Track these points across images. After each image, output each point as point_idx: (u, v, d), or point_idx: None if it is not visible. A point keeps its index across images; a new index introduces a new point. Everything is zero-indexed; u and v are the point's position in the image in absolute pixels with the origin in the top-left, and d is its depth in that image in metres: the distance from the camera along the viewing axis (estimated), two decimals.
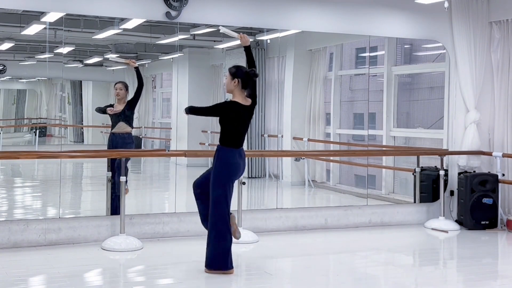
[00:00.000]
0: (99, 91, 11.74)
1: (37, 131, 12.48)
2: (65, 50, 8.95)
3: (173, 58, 9.99)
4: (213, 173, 5.68)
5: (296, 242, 7.42)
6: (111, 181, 7.25)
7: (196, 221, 7.21)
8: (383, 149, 10.02)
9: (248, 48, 5.86)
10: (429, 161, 9.31)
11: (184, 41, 9.23)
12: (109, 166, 7.24)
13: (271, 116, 10.90)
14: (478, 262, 6.69)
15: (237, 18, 7.69)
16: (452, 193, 8.62)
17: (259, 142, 10.89)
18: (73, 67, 10.86)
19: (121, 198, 6.79)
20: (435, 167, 8.73)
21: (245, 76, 5.69)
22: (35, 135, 12.46)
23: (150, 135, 11.68)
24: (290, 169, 10.64)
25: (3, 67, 10.90)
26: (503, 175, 8.30)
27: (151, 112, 11.62)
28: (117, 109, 7.76)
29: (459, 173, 8.49)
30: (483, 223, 8.19)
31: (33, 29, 8.26)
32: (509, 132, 8.38)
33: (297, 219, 7.93)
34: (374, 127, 10.36)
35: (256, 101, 5.80)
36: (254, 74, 5.70)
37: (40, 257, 6.25)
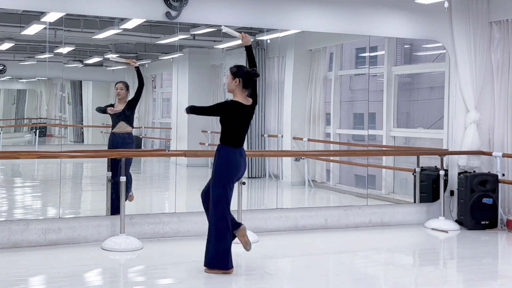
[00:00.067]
0: (99, 91, 11.74)
1: (37, 131, 12.47)
2: (65, 50, 8.95)
3: (173, 58, 9.99)
4: (213, 172, 5.68)
5: (296, 242, 7.42)
6: (111, 181, 7.25)
7: (196, 221, 7.25)
8: (383, 149, 10.02)
9: (249, 47, 5.86)
10: (429, 161, 9.31)
11: (184, 41, 9.23)
12: (109, 166, 7.23)
13: (271, 116, 10.89)
14: (478, 262, 6.69)
15: (237, 18, 7.69)
16: (452, 193, 8.62)
17: (259, 142, 10.88)
18: (73, 67, 10.85)
19: (121, 198, 6.79)
20: (435, 167, 8.73)
21: (246, 75, 5.69)
22: (35, 135, 12.46)
23: (150, 135, 11.68)
24: (290, 169, 10.63)
25: (3, 67, 10.89)
26: (503, 175, 8.30)
27: (151, 112, 11.61)
28: (117, 109, 7.76)
29: (459, 173, 8.49)
30: (483, 223, 8.19)
31: (33, 29, 8.26)
32: (509, 132, 8.38)
33: (297, 219, 7.93)
34: (374, 127, 10.36)
35: (256, 101, 5.81)
36: (255, 73, 5.71)
37: (40, 257, 6.25)
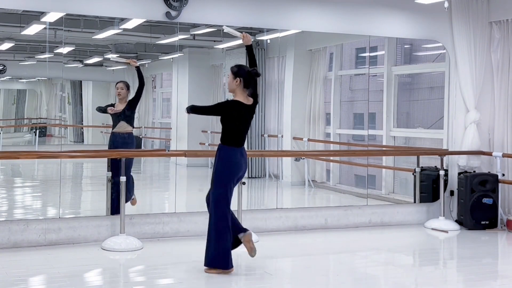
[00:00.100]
0: (99, 91, 11.75)
1: (37, 131, 12.48)
2: (65, 50, 8.96)
3: (173, 58, 9.99)
4: (214, 172, 5.68)
5: (296, 242, 7.42)
6: (111, 181, 7.25)
7: (196, 221, 7.25)
8: (383, 149, 10.02)
9: (250, 47, 5.86)
10: (429, 161, 9.31)
11: (184, 41, 9.23)
12: (109, 166, 7.23)
13: (271, 116, 10.89)
14: (478, 262, 6.69)
15: (237, 18, 7.69)
16: (452, 193, 8.62)
17: (259, 142, 10.88)
18: (73, 67, 10.86)
19: (121, 198, 6.79)
20: (435, 167, 8.73)
21: (247, 75, 5.69)
22: (35, 135, 12.47)
23: (150, 135, 11.69)
24: (290, 169, 10.63)
25: (3, 67, 10.90)
26: (503, 175, 8.30)
27: (151, 112, 11.62)
28: (118, 109, 7.75)
29: (459, 173, 8.49)
30: (483, 223, 8.19)
31: (33, 29, 8.26)
32: (509, 132, 8.38)
33: (297, 219, 7.92)
34: (374, 127, 10.36)
35: (257, 100, 5.81)
36: (256, 73, 5.71)
37: (40, 257, 6.25)
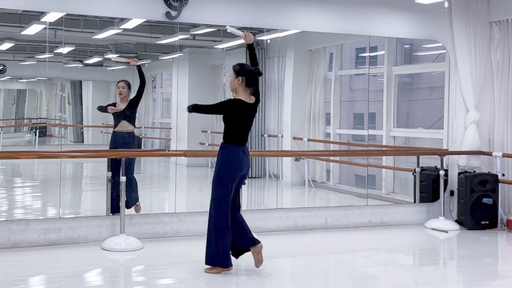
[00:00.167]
0: (99, 91, 11.76)
1: (37, 131, 12.48)
2: (65, 50, 8.96)
3: (173, 58, 9.99)
4: (216, 171, 5.68)
5: (296, 242, 7.42)
6: (111, 181, 7.25)
7: (196, 221, 7.25)
8: (383, 149, 10.02)
9: (251, 46, 5.85)
10: (429, 161, 9.31)
11: (184, 41, 9.23)
12: (109, 166, 7.23)
13: (271, 116, 10.89)
14: (478, 262, 6.69)
15: (237, 18, 7.68)
16: (452, 193, 8.62)
17: (259, 142, 10.88)
18: (73, 67, 10.86)
19: (121, 198, 6.79)
20: (435, 167, 8.73)
21: (249, 74, 5.69)
22: (35, 135, 12.47)
23: (150, 135, 11.69)
24: (290, 169, 10.63)
25: (3, 67, 10.90)
26: (503, 175, 8.30)
27: (151, 112, 11.63)
28: (119, 108, 7.75)
29: (459, 173, 8.49)
30: (483, 223, 8.19)
31: (33, 29, 8.26)
32: (509, 132, 8.37)
33: (297, 219, 7.92)
34: (374, 127, 10.36)
35: (259, 99, 5.80)
36: (258, 72, 5.71)
37: (40, 257, 6.25)
